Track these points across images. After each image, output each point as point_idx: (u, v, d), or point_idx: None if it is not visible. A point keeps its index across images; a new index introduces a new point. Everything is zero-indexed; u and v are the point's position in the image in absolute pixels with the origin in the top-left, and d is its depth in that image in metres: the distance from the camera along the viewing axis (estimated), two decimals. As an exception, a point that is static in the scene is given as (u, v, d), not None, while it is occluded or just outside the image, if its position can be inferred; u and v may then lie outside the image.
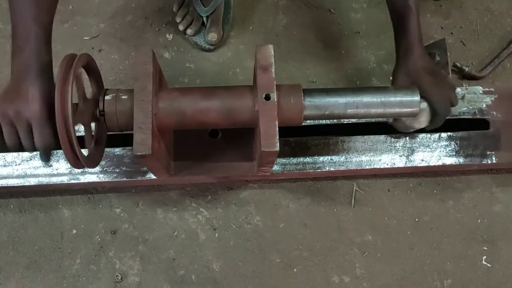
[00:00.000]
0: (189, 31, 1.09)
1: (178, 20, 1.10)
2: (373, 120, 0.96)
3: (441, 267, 0.98)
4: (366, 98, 0.77)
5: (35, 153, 0.94)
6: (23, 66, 0.70)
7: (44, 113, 0.68)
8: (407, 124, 0.86)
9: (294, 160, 0.96)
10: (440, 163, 0.96)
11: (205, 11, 1.08)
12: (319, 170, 0.96)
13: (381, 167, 0.96)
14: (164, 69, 0.83)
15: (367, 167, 0.96)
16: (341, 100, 0.77)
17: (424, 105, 0.81)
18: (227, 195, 1.01)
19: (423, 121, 0.83)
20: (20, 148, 0.71)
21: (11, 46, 0.72)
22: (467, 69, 1.09)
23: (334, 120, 0.97)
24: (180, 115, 0.75)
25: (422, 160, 0.96)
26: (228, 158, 0.93)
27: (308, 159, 0.96)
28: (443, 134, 0.97)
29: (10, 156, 0.94)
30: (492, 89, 1.01)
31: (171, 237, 0.98)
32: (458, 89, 1.00)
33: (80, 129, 0.73)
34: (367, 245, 0.99)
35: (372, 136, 0.97)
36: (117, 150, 0.94)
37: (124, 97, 0.74)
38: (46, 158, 0.72)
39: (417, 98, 0.77)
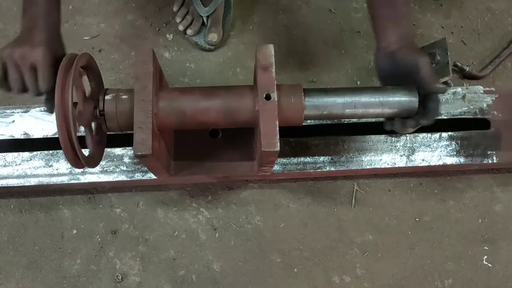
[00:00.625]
0: (189, 31, 1.09)
1: (178, 20, 1.10)
2: (373, 120, 0.96)
3: (441, 267, 0.98)
4: (364, 98, 0.77)
5: (35, 153, 0.94)
6: (33, 19, 0.73)
7: (47, 58, 0.70)
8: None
9: (294, 160, 0.96)
10: (440, 162, 0.96)
11: (205, 11, 1.08)
12: (319, 170, 0.95)
13: (382, 167, 0.96)
14: (164, 69, 0.83)
15: (368, 167, 0.96)
16: (339, 100, 0.77)
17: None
18: (228, 195, 1.01)
19: None
20: (23, 90, 0.72)
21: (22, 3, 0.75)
22: (467, 68, 1.09)
23: (335, 120, 0.97)
24: (180, 115, 0.74)
25: (423, 160, 0.96)
26: (228, 158, 0.93)
27: (308, 159, 0.96)
28: (444, 134, 0.97)
29: (10, 156, 0.94)
30: (493, 89, 1.00)
31: (171, 237, 0.98)
32: (459, 89, 1.00)
33: (80, 129, 0.73)
34: (367, 245, 0.98)
35: (372, 136, 0.97)
36: (117, 150, 0.94)
37: (124, 96, 0.74)
38: (50, 107, 0.75)
39: (415, 98, 0.77)
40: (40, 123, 0.96)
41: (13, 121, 0.96)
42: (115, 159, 0.94)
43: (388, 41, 0.77)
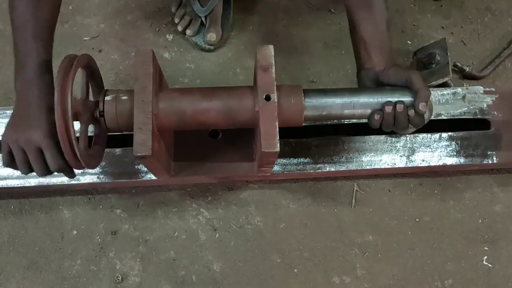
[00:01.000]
0: (188, 32, 1.09)
1: (176, 20, 1.10)
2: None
3: (441, 267, 0.98)
4: (363, 99, 0.77)
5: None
6: (26, 85, 0.72)
7: (51, 140, 0.70)
8: None
9: (294, 161, 0.96)
10: (440, 163, 0.96)
11: (203, 11, 1.08)
12: (319, 171, 0.95)
13: (382, 167, 0.96)
14: (164, 69, 0.83)
15: (368, 167, 0.96)
16: (338, 100, 0.77)
17: None
18: (228, 196, 1.01)
19: None
20: (31, 171, 0.74)
21: (14, 61, 0.74)
22: (467, 69, 1.09)
23: (335, 120, 0.97)
24: (180, 116, 0.74)
25: (423, 160, 0.96)
26: (228, 159, 0.93)
27: (308, 159, 0.96)
28: (444, 134, 0.97)
29: (10, 156, 0.94)
30: (493, 89, 1.00)
31: (171, 238, 0.98)
32: (459, 89, 1.00)
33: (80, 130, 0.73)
34: (367, 245, 0.98)
35: (372, 136, 0.97)
36: (117, 151, 0.94)
37: (124, 97, 0.74)
38: (70, 175, 0.76)
39: (413, 98, 0.76)
40: (40, 123, 0.96)
41: (13, 122, 0.96)
42: (115, 160, 0.94)
43: (374, 63, 0.79)
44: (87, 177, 0.93)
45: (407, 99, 0.76)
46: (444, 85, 1.03)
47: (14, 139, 0.71)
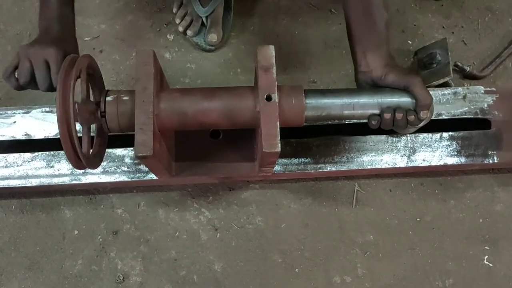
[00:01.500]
0: (189, 32, 1.09)
1: (177, 21, 1.10)
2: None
3: (442, 267, 0.98)
4: (363, 100, 0.77)
5: (36, 154, 0.94)
6: (47, 21, 0.77)
7: (61, 55, 0.73)
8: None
9: (295, 161, 0.96)
10: (441, 163, 0.96)
11: (204, 11, 1.08)
12: (320, 170, 0.96)
13: (383, 167, 0.96)
14: (165, 69, 0.83)
15: (369, 167, 0.96)
16: (338, 101, 0.77)
17: None
18: (229, 196, 1.01)
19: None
20: (29, 83, 0.74)
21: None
22: (468, 68, 1.09)
23: (335, 120, 0.97)
24: (181, 116, 0.75)
25: (424, 160, 0.96)
26: (229, 159, 0.93)
27: (309, 159, 0.96)
28: (445, 134, 0.97)
29: (12, 157, 0.94)
30: (494, 89, 1.00)
31: (172, 238, 0.98)
32: (460, 89, 1.00)
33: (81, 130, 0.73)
34: (368, 245, 0.99)
35: (373, 136, 0.97)
36: (118, 151, 0.94)
37: (125, 98, 0.74)
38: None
39: (413, 99, 0.76)
40: (41, 124, 0.96)
41: (14, 122, 0.96)
42: (116, 160, 0.94)
43: (371, 66, 0.77)
44: (88, 177, 0.94)
45: (407, 99, 0.76)
46: (445, 85, 1.03)
47: (24, 52, 0.73)
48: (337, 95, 0.77)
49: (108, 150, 0.93)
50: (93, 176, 0.94)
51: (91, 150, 0.77)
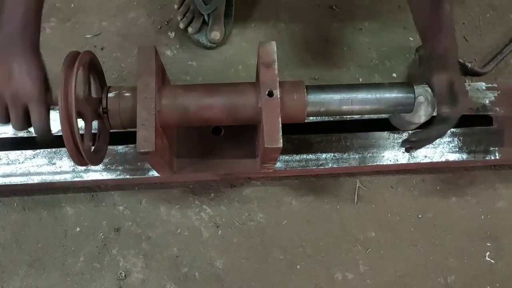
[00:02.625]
0: (190, 30, 1.09)
1: (179, 18, 1.10)
2: (376, 116, 0.96)
3: (444, 264, 0.98)
4: (361, 95, 0.77)
5: (38, 151, 0.94)
6: (10, 39, 0.66)
7: (42, 94, 0.66)
8: (406, 119, 0.85)
9: (297, 157, 0.96)
10: (443, 159, 0.96)
11: (206, 8, 1.08)
12: (322, 167, 0.96)
13: (384, 163, 0.96)
14: (166, 67, 0.83)
15: (370, 163, 0.96)
16: (336, 96, 0.77)
17: (422, 98, 0.81)
18: (230, 193, 1.01)
19: (422, 115, 0.83)
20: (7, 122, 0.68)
21: None
22: (469, 65, 1.09)
23: (336, 116, 0.97)
24: (183, 112, 0.75)
25: (425, 157, 0.96)
26: (231, 155, 0.93)
27: (311, 156, 0.96)
28: (446, 131, 0.97)
29: (13, 154, 0.94)
30: (495, 85, 1.01)
31: (174, 235, 0.98)
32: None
33: (83, 127, 0.73)
34: (370, 241, 0.99)
35: (375, 133, 0.97)
36: (120, 148, 0.94)
37: (127, 94, 0.74)
38: (45, 144, 0.70)
39: (412, 94, 0.77)
40: (43, 121, 0.96)
41: (16, 119, 0.96)
42: (118, 157, 0.94)
43: (426, 46, 0.77)
44: (90, 174, 0.94)
45: (403, 95, 0.76)
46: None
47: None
48: (336, 90, 0.77)
49: (110, 147, 0.93)
50: (95, 173, 0.94)
51: (93, 147, 0.77)
